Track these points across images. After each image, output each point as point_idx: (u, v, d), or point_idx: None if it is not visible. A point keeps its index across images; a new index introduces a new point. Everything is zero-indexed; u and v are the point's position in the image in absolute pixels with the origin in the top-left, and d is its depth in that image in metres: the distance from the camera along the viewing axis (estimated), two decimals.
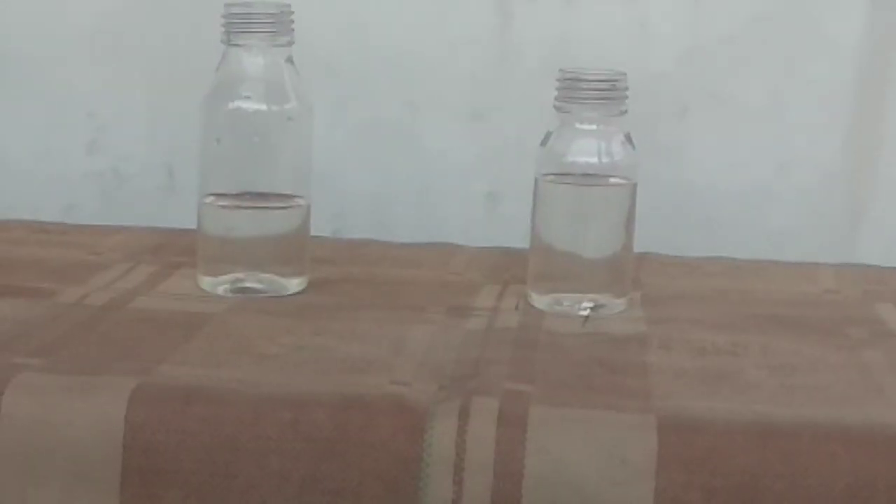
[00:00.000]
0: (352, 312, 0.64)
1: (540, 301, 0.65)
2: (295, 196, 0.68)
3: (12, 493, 0.50)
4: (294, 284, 0.68)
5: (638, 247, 0.67)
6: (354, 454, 0.49)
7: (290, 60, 0.68)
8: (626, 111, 0.64)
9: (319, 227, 0.71)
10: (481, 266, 0.74)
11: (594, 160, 0.64)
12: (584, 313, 0.64)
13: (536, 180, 0.65)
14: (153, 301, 0.65)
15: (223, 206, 0.68)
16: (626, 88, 0.64)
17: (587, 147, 0.64)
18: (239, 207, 0.68)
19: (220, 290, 0.67)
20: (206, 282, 0.67)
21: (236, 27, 0.68)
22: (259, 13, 0.68)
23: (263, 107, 0.67)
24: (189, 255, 0.70)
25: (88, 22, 0.89)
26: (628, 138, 0.65)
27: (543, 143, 0.65)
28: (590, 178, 0.65)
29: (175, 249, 0.74)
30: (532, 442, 0.48)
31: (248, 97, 0.67)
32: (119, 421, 0.49)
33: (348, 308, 0.65)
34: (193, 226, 0.69)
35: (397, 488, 0.48)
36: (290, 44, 0.68)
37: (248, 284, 0.67)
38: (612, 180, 0.65)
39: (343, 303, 0.66)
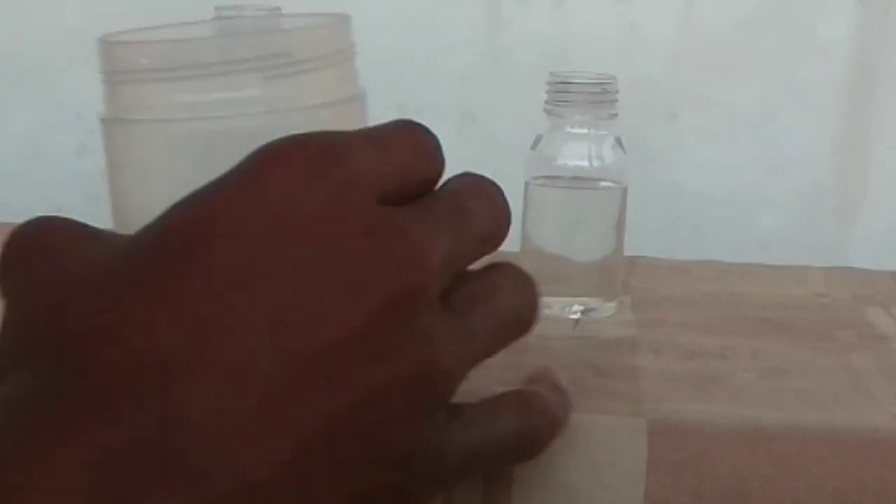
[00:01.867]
0: None
1: None
2: None
3: None
4: None
5: (628, 250, 0.67)
6: None
7: None
8: (616, 115, 0.64)
9: None
10: None
11: (584, 164, 0.64)
12: (574, 317, 0.64)
13: (526, 184, 0.65)
14: None
15: None
16: (617, 92, 0.64)
17: (577, 150, 0.64)
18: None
19: None
20: None
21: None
22: (247, 16, 0.68)
23: None
24: None
25: (78, 22, 0.89)
26: (619, 142, 0.65)
27: (534, 146, 0.65)
28: (580, 181, 0.65)
29: None
30: None
31: None
32: None
33: None
34: None
35: None
36: None
37: None
38: (603, 184, 0.65)
39: None
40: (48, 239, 0.39)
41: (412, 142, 0.41)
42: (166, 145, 0.48)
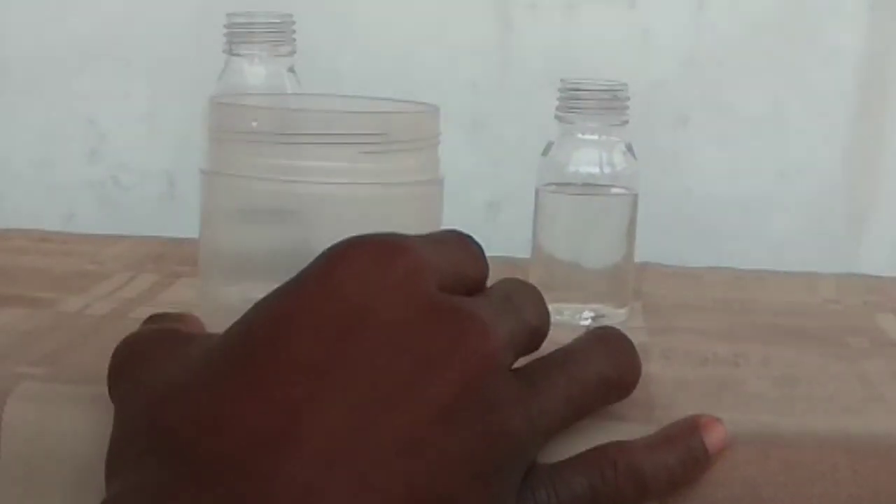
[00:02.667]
0: None
1: None
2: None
3: (13, 502, 0.50)
4: None
5: (639, 256, 0.67)
6: None
7: (291, 70, 0.68)
8: (627, 121, 0.64)
9: None
10: None
11: (595, 170, 0.64)
12: (585, 323, 0.64)
13: (537, 190, 0.65)
14: (155, 310, 0.64)
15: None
16: (628, 98, 0.64)
17: (588, 157, 0.64)
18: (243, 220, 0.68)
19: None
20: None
21: (238, 37, 0.68)
22: (260, 23, 0.68)
23: None
24: (190, 264, 0.70)
25: (89, 29, 0.90)
26: (629, 148, 0.65)
27: (545, 152, 0.65)
28: (591, 188, 0.65)
29: (176, 258, 0.74)
30: None
31: None
32: None
33: None
34: (194, 235, 0.69)
35: None
36: (291, 53, 0.68)
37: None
38: (614, 190, 0.65)
39: None
40: (146, 347, 0.43)
41: (461, 245, 0.44)
42: (259, 201, 0.53)
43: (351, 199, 0.52)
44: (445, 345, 0.38)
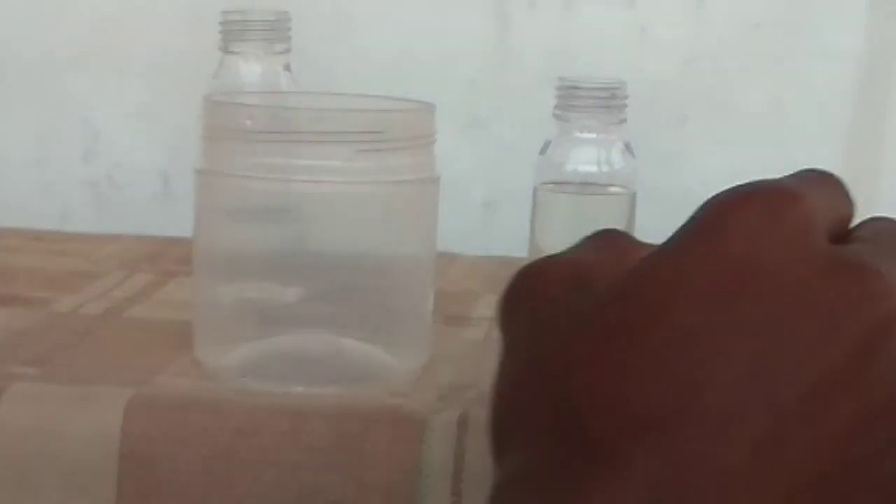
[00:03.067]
0: None
1: None
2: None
3: (5, 502, 0.49)
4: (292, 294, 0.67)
5: None
6: (352, 465, 0.48)
7: (287, 68, 0.68)
8: (625, 120, 0.64)
9: None
10: (479, 275, 0.74)
11: (593, 169, 0.64)
12: None
13: (535, 189, 0.65)
14: (149, 310, 0.64)
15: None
16: (626, 97, 0.64)
17: (586, 156, 0.64)
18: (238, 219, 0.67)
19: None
20: None
21: (233, 34, 0.68)
22: (256, 20, 0.68)
23: None
24: (185, 263, 0.69)
25: (84, 28, 0.89)
26: (628, 147, 0.64)
27: (542, 151, 0.65)
28: (589, 186, 0.64)
29: (171, 258, 0.74)
30: None
31: None
32: (115, 431, 0.49)
33: None
34: (189, 234, 0.68)
35: (396, 499, 0.48)
36: (287, 51, 0.68)
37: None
38: (612, 189, 0.64)
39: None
40: (548, 286, 0.40)
41: (832, 183, 0.42)
42: (254, 200, 0.53)
43: (346, 198, 0.51)
44: (846, 304, 0.36)
